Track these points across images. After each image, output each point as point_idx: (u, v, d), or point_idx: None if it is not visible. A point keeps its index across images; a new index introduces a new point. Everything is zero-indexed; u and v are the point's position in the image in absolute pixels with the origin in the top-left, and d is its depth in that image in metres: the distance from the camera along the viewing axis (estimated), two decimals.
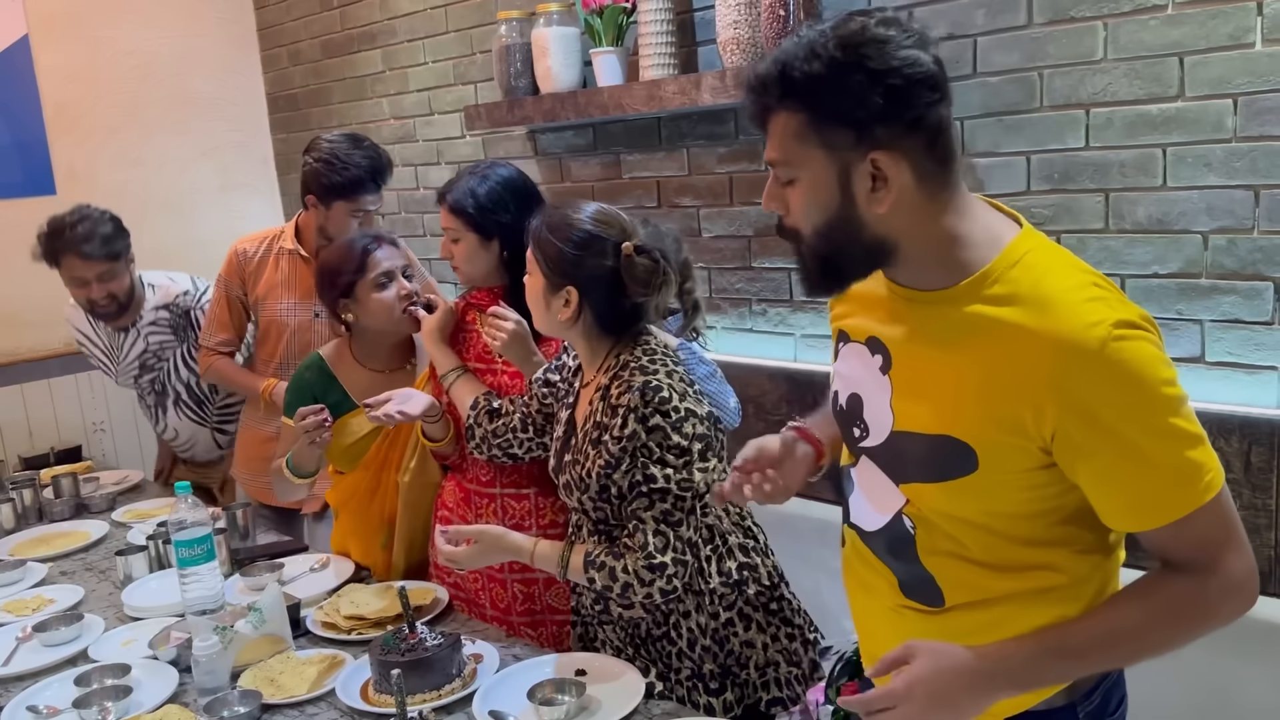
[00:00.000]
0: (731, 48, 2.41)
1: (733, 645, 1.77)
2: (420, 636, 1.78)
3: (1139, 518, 1.16)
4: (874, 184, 1.13)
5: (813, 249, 1.20)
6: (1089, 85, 2.02)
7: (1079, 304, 1.13)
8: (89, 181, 3.93)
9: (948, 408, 1.19)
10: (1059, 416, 1.12)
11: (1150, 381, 1.11)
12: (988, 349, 1.16)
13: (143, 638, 2.01)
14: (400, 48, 3.70)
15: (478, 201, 2.07)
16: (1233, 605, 1.18)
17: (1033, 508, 1.21)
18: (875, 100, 1.09)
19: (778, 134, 1.16)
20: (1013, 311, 1.15)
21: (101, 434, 3.94)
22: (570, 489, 1.77)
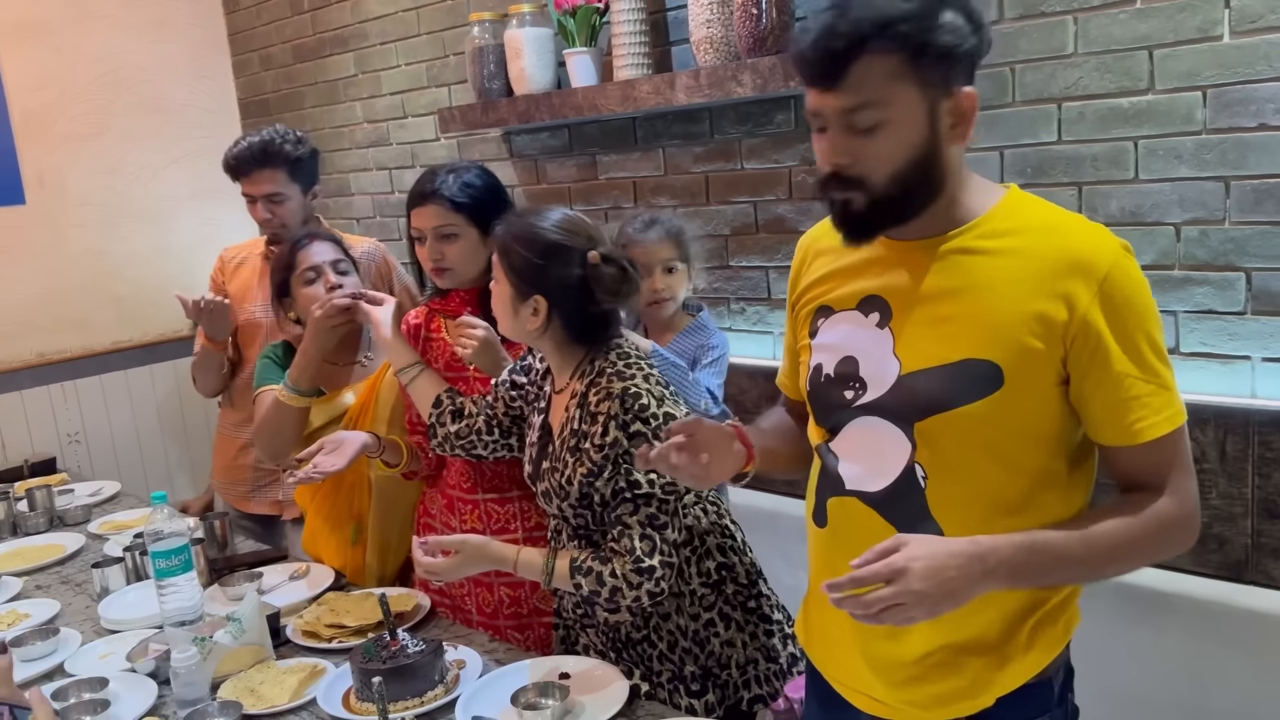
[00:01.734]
0: (705, 47, 2.40)
1: (713, 646, 1.77)
2: (402, 643, 1.77)
3: (1127, 429, 1.23)
4: (954, 120, 1.20)
5: (881, 191, 1.21)
6: (1060, 79, 2.03)
7: (1086, 228, 1.26)
8: (59, 190, 3.90)
9: (966, 334, 1.24)
10: (1080, 323, 1.20)
11: (1148, 297, 1.24)
12: (1005, 270, 1.23)
13: (120, 650, 1.98)
14: (372, 51, 3.68)
15: (477, 195, 2.03)
16: (1187, 529, 1.27)
17: (1044, 430, 1.26)
18: (964, 33, 1.17)
19: (865, 77, 1.16)
20: (1024, 238, 1.24)
21: (76, 445, 3.90)
22: (549, 496, 1.75)
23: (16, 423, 3.78)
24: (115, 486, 3.17)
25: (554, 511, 1.77)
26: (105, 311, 4.00)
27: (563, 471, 1.70)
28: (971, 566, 1.20)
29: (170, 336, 4.07)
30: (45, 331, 3.88)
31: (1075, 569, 1.27)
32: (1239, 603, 1.86)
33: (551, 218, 1.73)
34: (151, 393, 4.06)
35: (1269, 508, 1.87)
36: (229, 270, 3.01)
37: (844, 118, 1.19)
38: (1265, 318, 1.87)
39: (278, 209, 2.79)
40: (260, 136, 2.79)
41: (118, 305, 4.02)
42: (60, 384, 3.86)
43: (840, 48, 1.16)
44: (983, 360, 1.23)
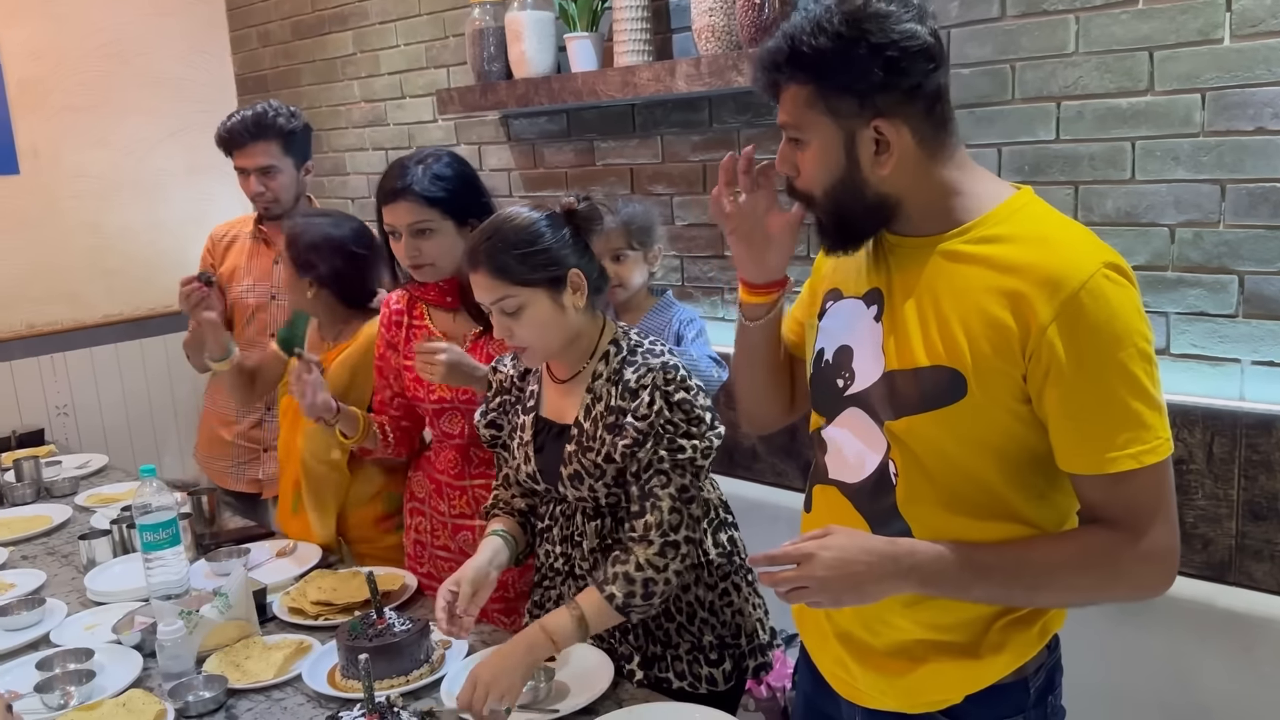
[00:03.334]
0: (707, 35, 2.40)
1: (726, 615, 1.81)
2: (388, 622, 1.78)
3: (1085, 458, 1.20)
4: (877, 148, 1.22)
5: (824, 210, 1.29)
6: (1060, 78, 2.03)
7: (1078, 244, 1.21)
8: (53, 160, 3.88)
9: (941, 340, 1.25)
10: (1037, 339, 1.17)
11: (1127, 326, 1.17)
12: (984, 280, 1.22)
13: (106, 622, 1.99)
14: (372, 30, 3.66)
15: (449, 185, 2.00)
16: (1145, 573, 1.22)
17: (1012, 443, 1.25)
18: (876, 71, 1.19)
19: (788, 102, 1.26)
20: (1012, 248, 1.22)
21: (65, 418, 3.89)
22: (580, 479, 1.71)
23: (5, 393, 3.76)
24: (103, 459, 3.17)
25: (583, 494, 1.73)
26: (97, 284, 3.99)
27: (599, 450, 1.68)
28: (882, 565, 1.23)
29: (161, 311, 4.05)
30: (36, 302, 3.87)
31: (1000, 589, 1.26)
32: (1221, 603, 1.87)
33: (521, 212, 1.69)
34: (141, 367, 4.05)
35: (1254, 509, 1.88)
36: (219, 250, 3.00)
37: (784, 130, 1.29)
38: (1256, 321, 1.88)
39: (270, 182, 2.78)
40: (254, 110, 2.78)
41: (109, 278, 4.01)
42: (50, 356, 3.84)
43: (768, 76, 1.27)
44: (950, 368, 1.23)
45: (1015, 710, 1.34)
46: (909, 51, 1.19)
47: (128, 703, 1.68)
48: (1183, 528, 1.94)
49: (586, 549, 1.76)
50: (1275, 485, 1.85)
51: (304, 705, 1.69)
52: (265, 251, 2.91)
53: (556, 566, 1.82)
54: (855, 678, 1.41)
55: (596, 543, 1.75)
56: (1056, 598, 1.28)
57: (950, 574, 1.24)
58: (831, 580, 1.22)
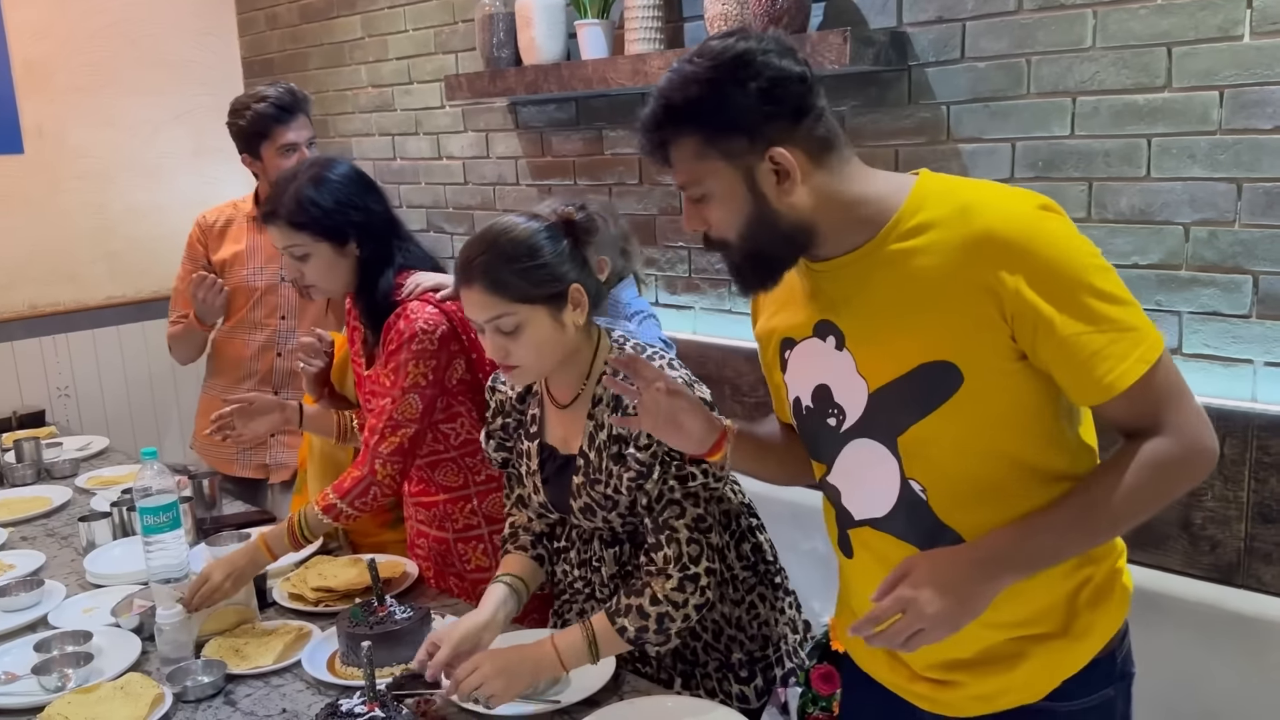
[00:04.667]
0: (719, 23, 2.38)
1: (754, 629, 1.77)
2: (389, 609, 1.77)
3: (1095, 386, 1.20)
4: (777, 178, 1.23)
5: (741, 251, 1.28)
6: (1076, 73, 2.01)
7: (999, 198, 1.24)
8: (58, 140, 3.85)
9: (917, 339, 1.25)
10: (1010, 299, 1.19)
11: (1078, 249, 1.20)
12: (932, 269, 1.23)
13: (105, 605, 1.98)
14: (380, 14, 3.64)
15: (322, 207, 1.93)
16: (1197, 461, 1.23)
17: (1018, 406, 1.25)
18: (754, 104, 1.21)
19: (680, 159, 1.26)
20: (940, 230, 1.23)
21: (66, 399, 3.87)
22: (592, 511, 1.66)
23: (6, 374, 3.75)
24: (104, 442, 3.16)
25: (597, 524, 1.69)
26: (99, 266, 3.97)
27: (606, 482, 1.62)
28: (977, 573, 1.22)
29: (164, 294, 4.01)
30: (38, 283, 3.85)
31: (1083, 536, 1.25)
32: (1230, 606, 1.86)
33: (517, 222, 1.59)
34: (144, 350, 4.03)
35: (1264, 512, 1.87)
36: (212, 235, 2.96)
37: (683, 190, 1.29)
38: (1270, 322, 1.86)
39: (309, 153, 2.73)
40: (277, 88, 2.75)
41: (112, 260, 3.99)
42: (52, 336, 3.83)
43: (652, 138, 1.27)
44: (937, 361, 1.23)
45: (1106, 682, 1.35)
46: (779, 80, 1.22)
47: (125, 686, 1.67)
48: (1191, 529, 1.94)
49: (605, 575, 1.72)
50: None
51: (303, 692, 1.68)
52: None
53: (576, 586, 1.78)
54: (952, 697, 1.37)
55: (615, 569, 1.71)
56: (1135, 521, 1.26)
57: (1039, 547, 1.23)
58: (942, 611, 1.19)
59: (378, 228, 2.01)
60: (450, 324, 1.97)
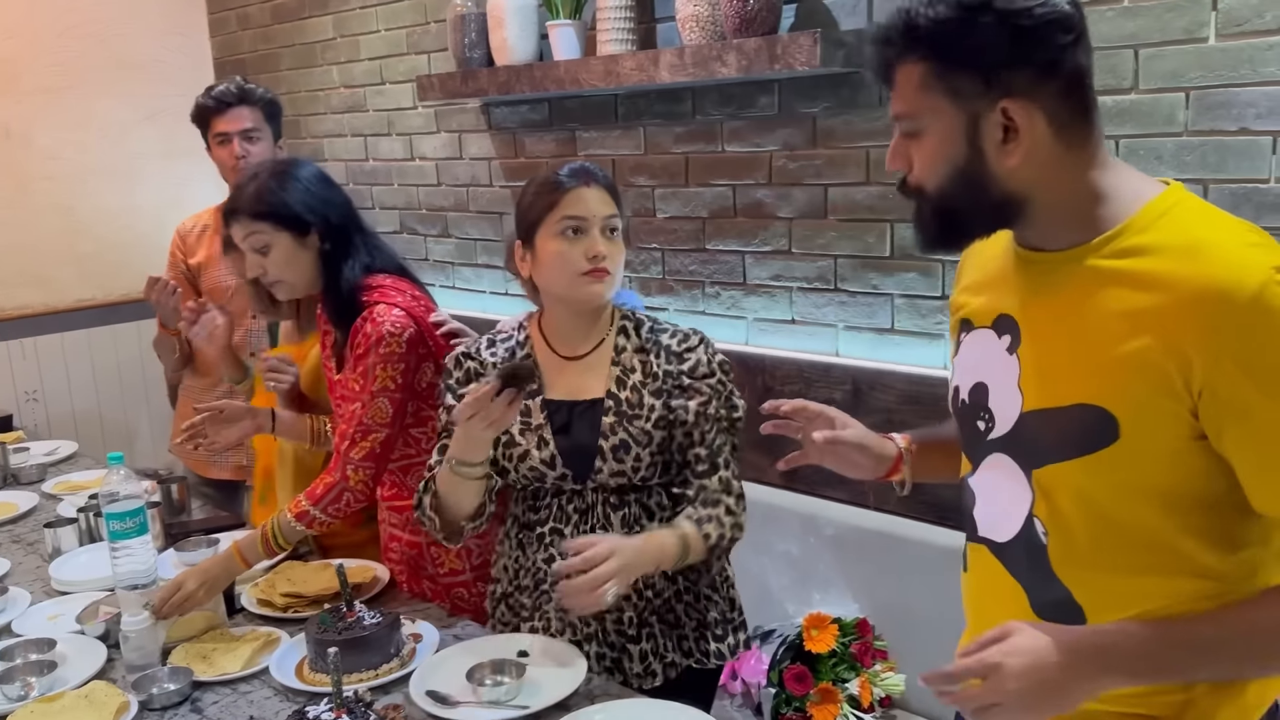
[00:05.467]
0: (691, 24, 2.38)
1: (725, 591, 1.81)
2: (358, 615, 1.75)
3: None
4: (1005, 135, 1.07)
5: (935, 206, 1.14)
6: None
7: (1235, 249, 1.03)
8: (25, 142, 3.82)
9: (1082, 374, 1.09)
10: (1207, 370, 1.01)
11: None
12: (1128, 302, 1.06)
13: (70, 612, 1.95)
14: (352, 14, 3.62)
15: (284, 198, 1.95)
16: None
17: (1178, 486, 1.09)
18: (1003, 43, 1.04)
19: (903, 85, 1.11)
20: (1157, 260, 1.05)
21: (34, 404, 3.83)
22: (626, 448, 1.67)
23: None
24: (72, 447, 3.12)
25: (623, 468, 1.68)
26: (69, 268, 3.93)
27: (647, 416, 1.68)
28: (1080, 665, 1.07)
29: (135, 296, 3.97)
30: (5, 286, 3.81)
31: (1229, 665, 1.09)
32: None
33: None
34: (114, 353, 4.00)
35: None
36: (190, 242, 2.97)
37: (897, 123, 1.15)
38: None
39: (252, 147, 2.75)
40: (233, 81, 2.79)
41: (82, 262, 3.95)
42: (19, 340, 3.79)
43: (880, 53, 1.13)
44: (1097, 407, 1.08)
45: None
46: (1042, 20, 1.03)
47: (90, 694, 1.64)
48: None
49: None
50: None
51: (271, 699, 1.66)
52: None
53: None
54: None
55: (624, 533, 1.70)
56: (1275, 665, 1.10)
57: (1163, 656, 1.07)
58: (1027, 693, 1.06)
59: (338, 219, 2.01)
60: (417, 327, 1.95)
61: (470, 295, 3.46)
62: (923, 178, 1.13)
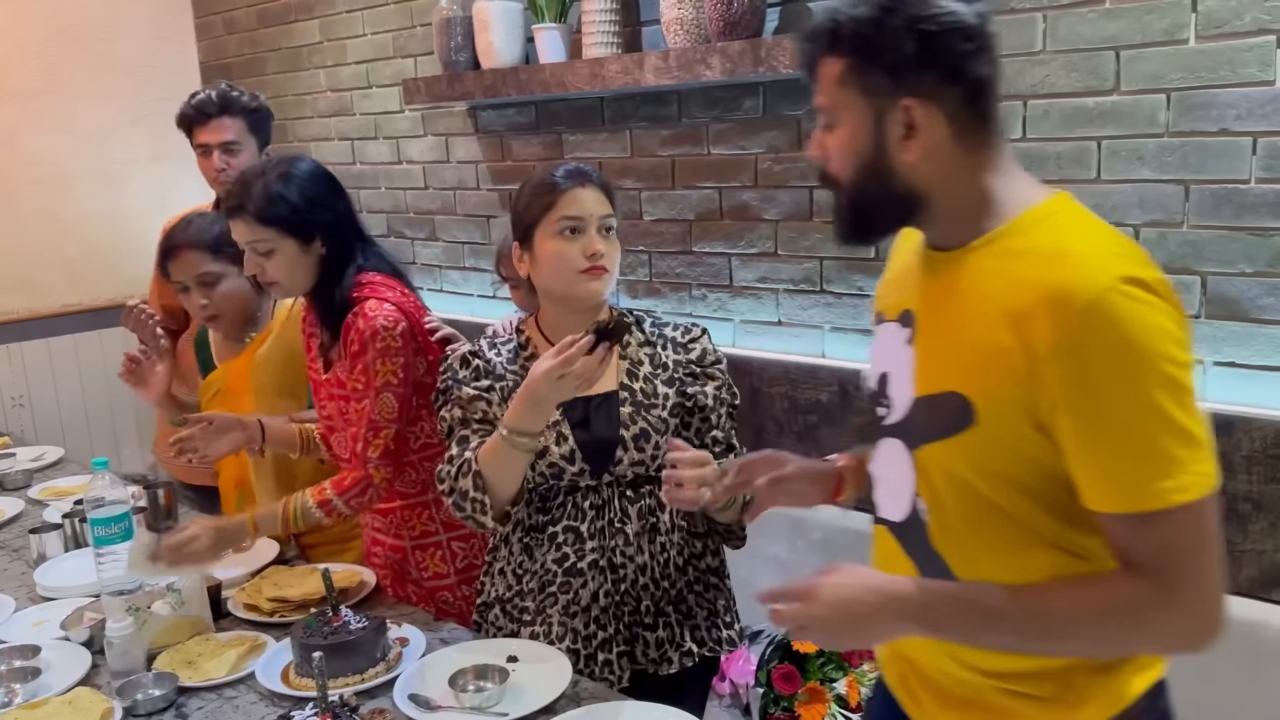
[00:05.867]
0: (675, 28, 2.38)
1: (729, 580, 1.84)
2: (344, 619, 1.74)
3: (1104, 495, 1.09)
4: (906, 132, 1.14)
5: (848, 197, 1.21)
6: (1027, 76, 2.03)
7: (1092, 256, 1.08)
8: (11, 147, 3.80)
9: (956, 363, 1.17)
10: (1046, 367, 1.07)
11: (1146, 347, 1.04)
12: (998, 299, 1.13)
13: (55, 618, 1.94)
14: (338, 18, 3.61)
15: (291, 203, 1.91)
16: (1176, 629, 1.10)
17: (1030, 469, 1.14)
18: (910, 45, 1.11)
19: (823, 80, 1.19)
20: (1025, 263, 1.11)
21: (20, 409, 3.82)
22: (646, 437, 1.69)
23: None
24: (59, 452, 3.10)
25: (642, 458, 1.70)
26: (55, 273, 3.92)
27: (663, 404, 1.73)
28: (884, 605, 1.18)
29: (121, 301, 3.93)
30: None
31: (1011, 636, 1.16)
32: None
33: None
34: (100, 358, 3.98)
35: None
36: None
37: (818, 115, 1.23)
38: (1218, 322, 1.89)
39: (233, 159, 2.72)
40: (217, 87, 2.75)
41: (68, 267, 3.94)
42: (5, 345, 3.78)
43: (806, 50, 1.21)
44: (957, 394, 1.16)
45: None
46: (946, 27, 1.11)
47: (74, 701, 1.64)
48: None
49: (631, 534, 1.72)
50: (1236, 486, 1.86)
51: (256, 704, 1.66)
52: None
53: (580, 568, 1.73)
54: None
55: (640, 525, 1.72)
56: (1075, 647, 1.16)
57: (958, 619, 1.16)
58: (832, 620, 1.18)
59: (343, 227, 2.00)
60: (408, 322, 1.96)
61: (458, 299, 3.45)
62: (837, 168, 1.21)
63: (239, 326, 2.36)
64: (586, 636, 1.73)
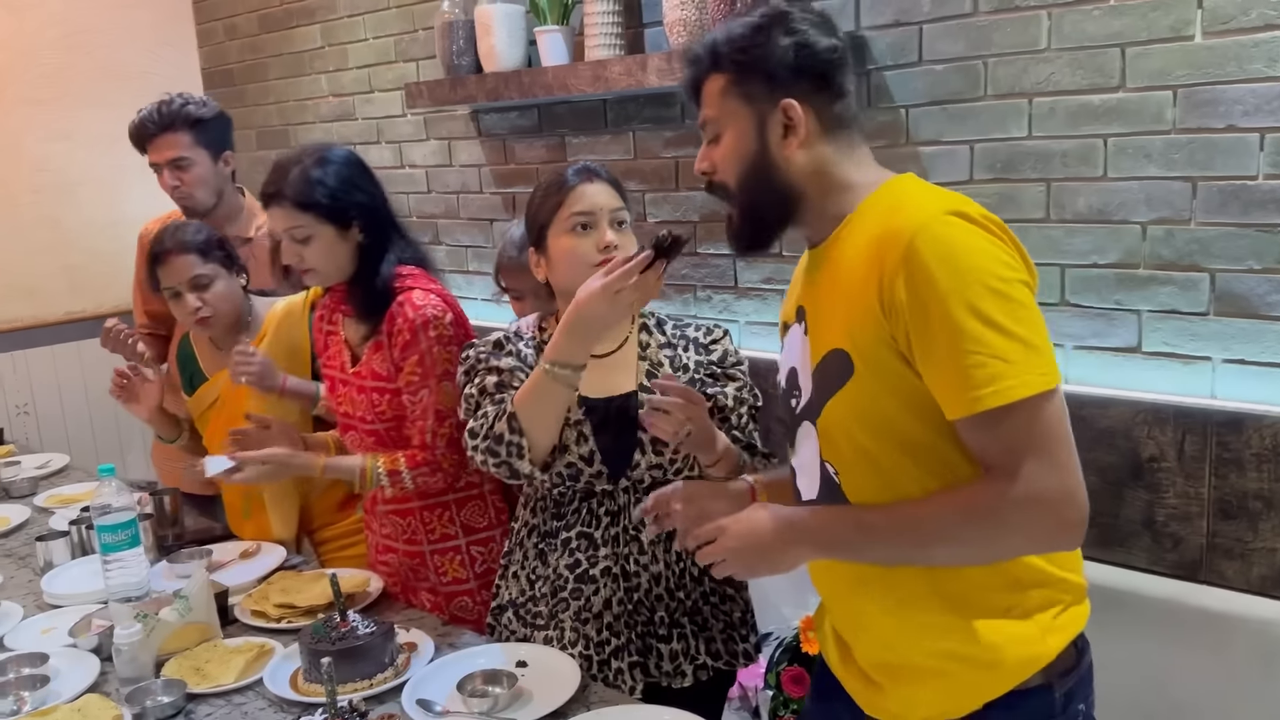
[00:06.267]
0: (678, 29, 2.38)
1: (745, 593, 1.83)
2: (352, 624, 1.74)
3: (949, 401, 1.19)
4: (785, 131, 1.30)
5: (739, 202, 1.34)
6: (1032, 74, 2.02)
7: (923, 200, 1.25)
8: (13, 154, 3.80)
9: (831, 326, 1.30)
10: (893, 297, 1.20)
11: (968, 264, 1.17)
12: (855, 261, 1.27)
13: (63, 626, 1.94)
14: (340, 23, 3.61)
15: (328, 188, 1.91)
16: (1029, 520, 1.18)
17: (910, 404, 1.24)
18: (787, 54, 1.29)
19: (709, 96, 1.35)
20: (871, 222, 1.27)
21: (25, 417, 3.82)
22: (661, 445, 1.67)
23: None
24: (64, 459, 3.10)
25: (661, 462, 1.69)
26: (58, 280, 3.92)
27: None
28: (782, 533, 1.31)
29: (125, 308, 3.94)
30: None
31: (890, 547, 1.27)
32: (1193, 602, 1.87)
33: None
34: (105, 365, 3.93)
35: (1224, 508, 1.88)
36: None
37: (703, 130, 1.37)
38: (1227, 319, 1.88)
39: (184, 175, 2.67)
40: (160, 100, 2.69)
41: (71, 274, 3.94)
42: (9, 353, 3.77)
43: (690, 71, 1.37)
44: (838, 350, 1.28)
45: (1042, 717, 1.31)
46: (812, 44, 1.30)
47: (83, 708, 1.63)
48: (1154, 526, 1.95)
49: (645, 542, 1.71)
50: (1246, 484, 1.85)
51: (265, 710, 1.66)
52: None
53: (592, 574, 1.72)
54: (878, 699, 1.39)
55: (656, 536, 1.69)
56: (950, 553, 1.25)
57: (843, 535, 1.30)
58: (743, 550, 1.33)
59: (379, 214, 2.00)
60: (454, 313, 1.98)
61: (462, 303, 3.43)
62: (725, 174, 1.35)
63: (231, 331, 2.35)
64: (599, 643, 1.72)
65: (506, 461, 1.65)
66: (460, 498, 2.05)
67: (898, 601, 1.32)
